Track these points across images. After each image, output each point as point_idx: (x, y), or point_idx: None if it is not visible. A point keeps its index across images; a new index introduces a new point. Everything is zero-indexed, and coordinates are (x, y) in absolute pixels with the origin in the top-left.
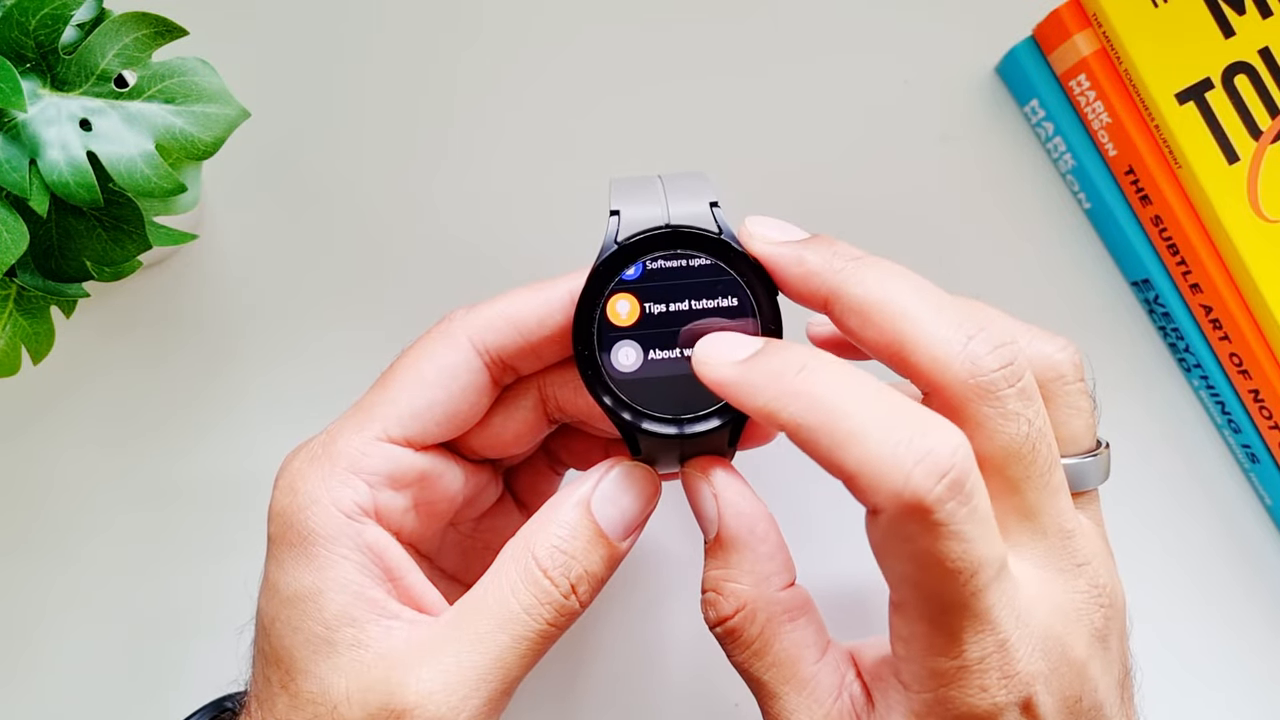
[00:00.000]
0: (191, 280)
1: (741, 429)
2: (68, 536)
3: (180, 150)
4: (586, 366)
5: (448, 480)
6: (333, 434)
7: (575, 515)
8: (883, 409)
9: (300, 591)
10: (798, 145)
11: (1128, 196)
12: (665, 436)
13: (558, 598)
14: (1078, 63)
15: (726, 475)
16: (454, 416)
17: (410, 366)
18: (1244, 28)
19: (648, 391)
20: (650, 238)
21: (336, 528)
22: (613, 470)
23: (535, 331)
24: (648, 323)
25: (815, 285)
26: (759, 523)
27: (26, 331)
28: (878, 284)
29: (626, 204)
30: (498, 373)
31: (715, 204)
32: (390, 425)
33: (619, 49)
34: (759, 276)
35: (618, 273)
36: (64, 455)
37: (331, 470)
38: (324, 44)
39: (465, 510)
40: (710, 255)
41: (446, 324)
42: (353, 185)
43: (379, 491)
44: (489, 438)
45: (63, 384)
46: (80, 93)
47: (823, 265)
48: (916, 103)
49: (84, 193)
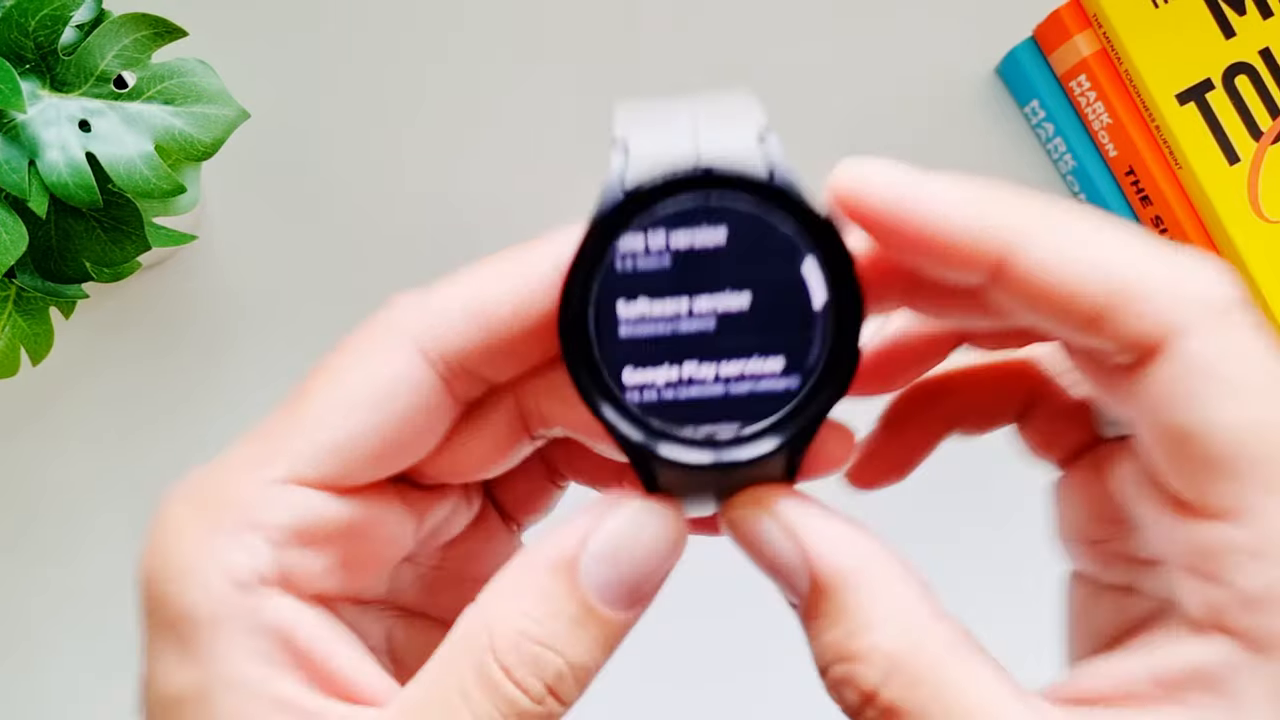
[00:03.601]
0: (190, 281)
1: (804, 450)
2: (65, 536)
3: (179, 151)
4: (580, 367)
5: (389, 526)
6: (224, 469)
7: (553, 585)
8: (1152, 238)
9: (179, 694)
10: (794, 146)
11: (1128, 197)
12: (696, 468)
13: (526, 706)
14: (1078, 63)
15: (798, 502)
16: (393, 449)
17: (332, 380)
18: (1245, 28)
19: (668, 401)
20: (672, 182)
21: (224, 604)
22: (614, 515)
23: (508, 325)
24: (668, 302)
25: (987, 241)
26: (867, 546)
27: (25, 332)
28: (1070, 227)
29: (637, 130)
30: (458, 385)
31: (766, 132)
32: (301, 462)
33: (619, 47)
34: (820, 227)
35: (625, 230)
36: (62, 456)
37: (217, 524)
38: (323, 45)
39: (426, 543)
40: (758, 204)
41: (385, 319)
42: (352, 186)
43: (284, 551)
44: (448, 464)
45: (62, 385)
46: (80, 94)
47: (989, 200)
48: (917, 103)
49: (83, 194)
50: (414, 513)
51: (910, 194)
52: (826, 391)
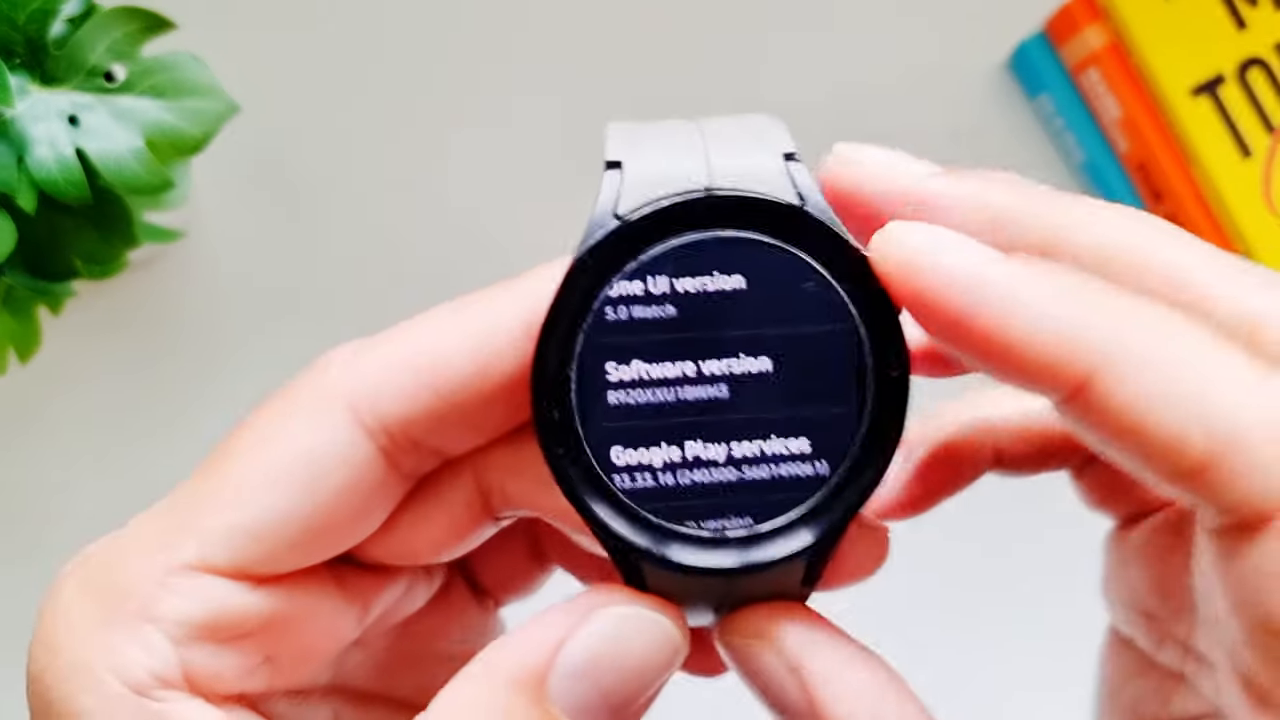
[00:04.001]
0: (180, 279)
1: (830, 553)
2: (54, 536)
3: (169, 145)
4: (557, 443)
5: (322, 618)
6: (124, 548)
7: (515, 705)
8: (1264, 353)
9: None
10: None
11: (1140, 192)
12: (703, 571)
13: None
14: (1089, 57)
15: (809, 631)
16: (322, 532)
17: (251, 450)
18: (1257, 20)
19: (667, 488)
20: (677, 210)
21: (118, 713)
22: (596, 619)
23: (465, 388)
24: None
25: (1014, 239)
26: (882, 697)
27: (14, 330)
28: (1123, 228)
29: (635, 152)
30: (404, 458)
31: (792, 156)
32: (211, 545)
33: (619, 45)
34: (863, 274)
35: (618, 271)
36: (52, 455)
37: (111, 615)
38: (315, 39)
39: (376, 625)
40: (786, 242)
41: (317, 378)
42: (344, 182)
43: (190, 649)
44: (395, 546)
45: (52, 384)
46: (69, 88)
47: (1021, 206)
48: (927, 97)
49: (73, 190)
50: (355, 599)
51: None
52: (863, 479)
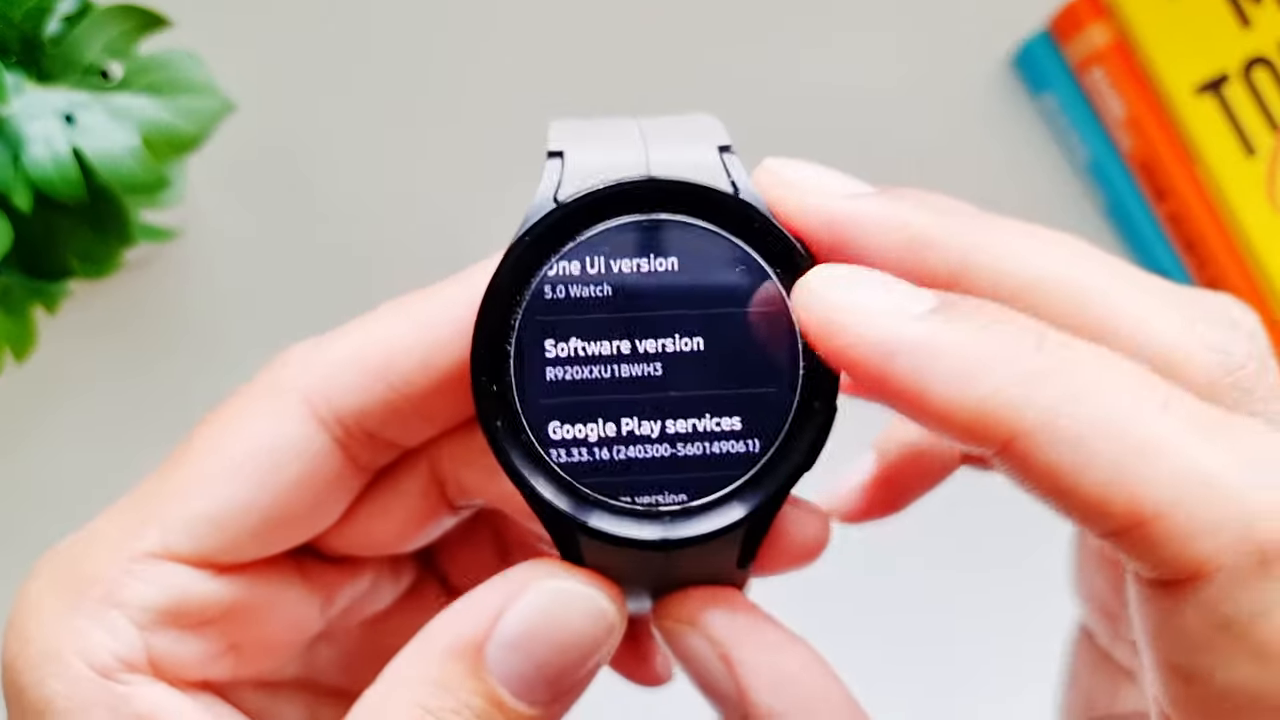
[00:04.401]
0: (176, 279)
1: (765, 532)
2: (49, 536)
3: (165, 143)
4: (494, 414)
5: (285, 607)
6: (90, 541)
7: (453, 674)
8: (1187, 401)
9: None
10: (807, 138)
11: (1144, 191)
12: (635, 543)
13: None
14: (1093, 55)
15: (737, 618)
16: (281, 523)
17: (212, 444)
18: (1262, 19)
19: (602, 462)
20: (614, 195)
21: (84, 694)
22: (528, 593)
23: (414, 379)
24: (606, 342)
25: (928, 261)
26: (811, 686)
27: (9, 330)
28: (1041, 251)
29: (577, 143)
30: (361, 450)
31: (727, 148)
32: (174, 535)
33: (620, 46)
34: (800, 265)
35: (555, 253)
36: (48, 455)
37: (77, 602)
38: (312, 37)
39: (343, 618)
40: (720, 227)
41: (275, 374)
42: (341, 180)
43: (153, 634)
44: (356, 537)
45: (48, 384)
46: (65, 86)
47: (938, 226)
48: (930, 95)
49: (69, 189)
50: (318, 590)
51: (846, 208)
52: (794, 457)
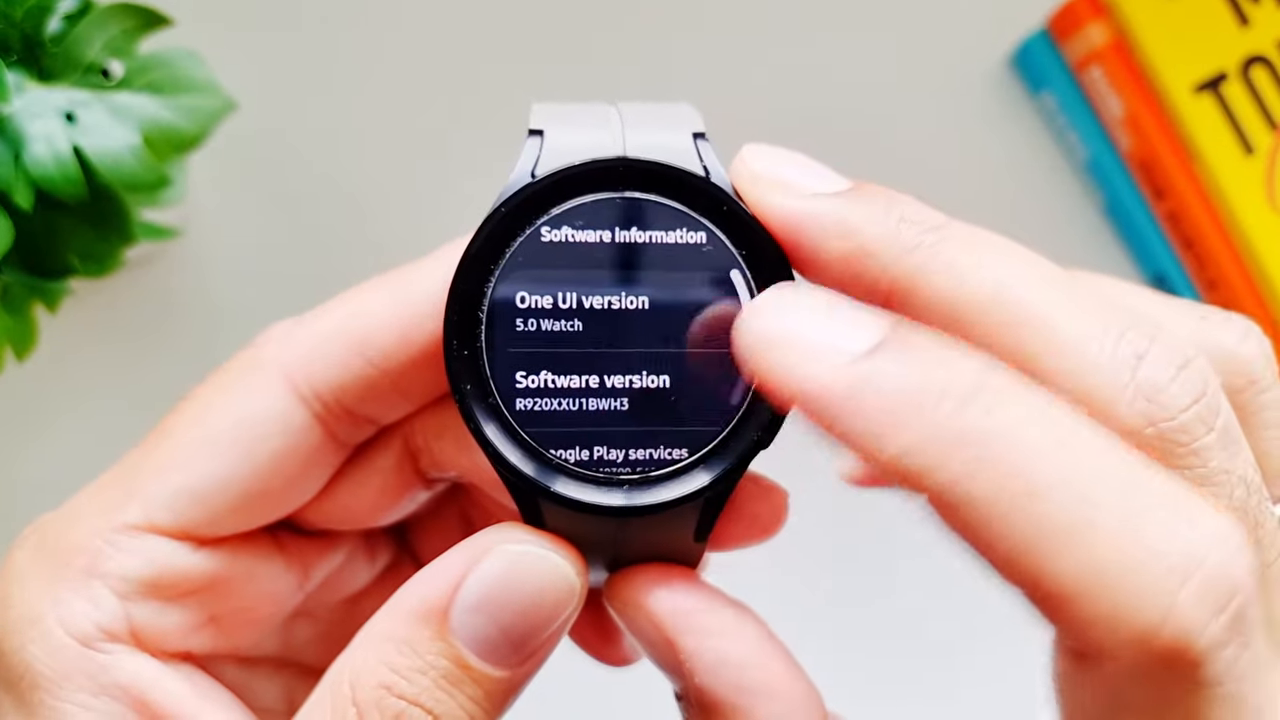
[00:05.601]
0: (177, 277)
1: (723, 504)
2: None
3: (166, 142)
4: (463, 377)
5: (264, 581)
6: (73, 513)
7: (419, 636)
8: (1118, 475)
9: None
10: (804, 137)
11: (1143, 189)
12: (596, 509)
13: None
14: (1091, 54)
15: (684, 597)
16: (262, 496)
17: (194, 418)
18: (1260, 18)
19: (566, 426)
20: (589, 172)
21: (66, 661)
22: (490, 556)
23: (391, 354)
24: (576, 314)
25: (870, 271)
26: (755, 668)
27: (10, 329)
28: (977, 270)
29: (557, 124)
30: (340, 425)
31: (701, 135)
32: (155, 507)
33: (621, 46)
34: (765, 250)
35: (530, 224)
36: (48, 453)
37: (60, 572)
38: (313, 35)
39: (321, 595)
40: (690, 208)
41: (255, 350)
42: (342, 179)
43: (134, 604)
44: (333, 511)
45: (48, 382)
46: (66, 85)
47: (885, 238)
48: (929, 94)
49: (70, 187)
50: (295, 564)
51: (797, 209)
52: (752, 432)
